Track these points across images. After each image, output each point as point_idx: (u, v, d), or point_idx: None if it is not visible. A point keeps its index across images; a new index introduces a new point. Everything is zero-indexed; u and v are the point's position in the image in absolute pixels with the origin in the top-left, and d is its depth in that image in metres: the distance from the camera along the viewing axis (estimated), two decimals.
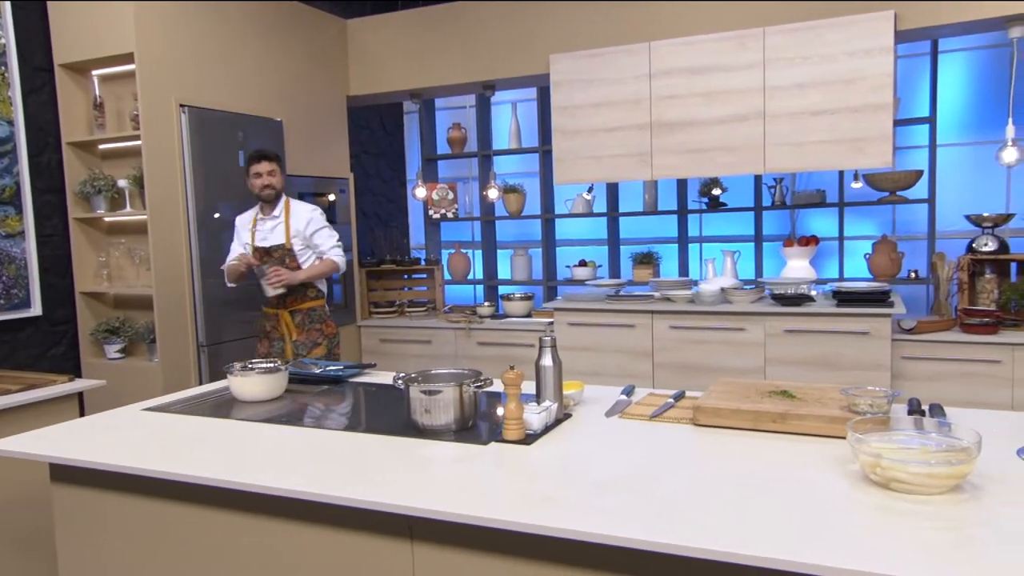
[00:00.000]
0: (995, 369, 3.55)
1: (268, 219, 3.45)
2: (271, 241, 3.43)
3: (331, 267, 3.46)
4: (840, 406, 1.78)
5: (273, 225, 3.45)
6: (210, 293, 3.77)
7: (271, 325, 3.51)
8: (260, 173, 3.37)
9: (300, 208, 3.49)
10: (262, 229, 3.46)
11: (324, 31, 4.70)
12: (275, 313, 3.49)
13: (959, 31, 3.79)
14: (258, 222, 3.46)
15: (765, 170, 3.90)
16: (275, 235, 3.43)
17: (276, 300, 3.42)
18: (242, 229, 3.49)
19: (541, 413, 1.82)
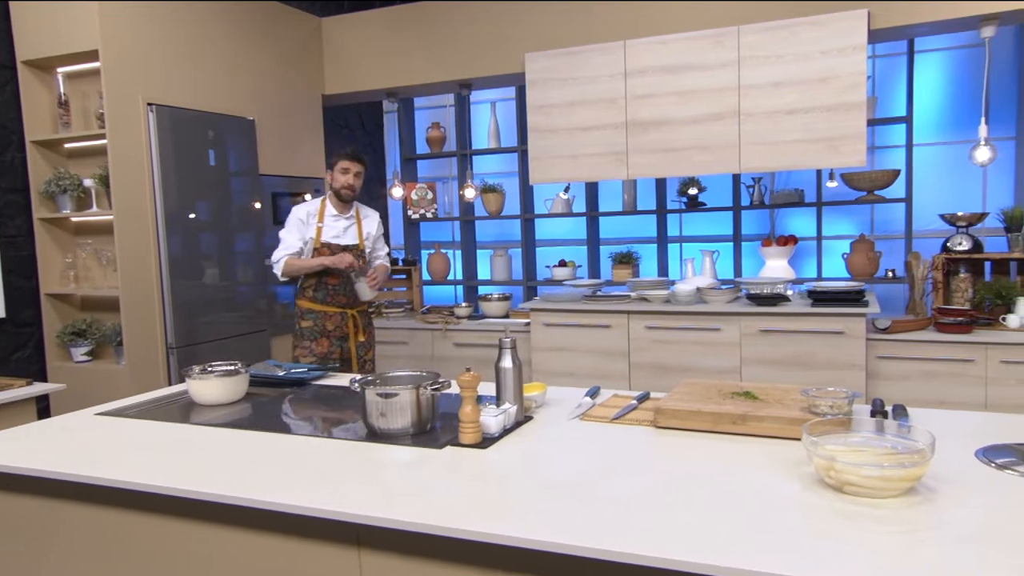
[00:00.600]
0: (968, 368, 3.55)
1: (342, 218, 3.42)
2: (345, 240, 3.42)
3: (387, 270, 3.67)
4: (801, 407, 1.76)
5: (347, 225, 3.44)
6: (180, 294, 3.72)
7: (334, 324, 3.44)
8: (348, 170, 3.34)
9: (368, 212, 3.56)
10: (334, 226, 3.40)
11: (298, 29, 4.65)
12: (341, 312, 3.44)
13: (933, 30, 3.79)
14: (327, 218, 3.39)
15: (740, 169, 3.89)
16: (349, 235, 3.44)
17: (346, 300, 3.43)
18: (305, 223, 3.37)
19: (499, 416, 1.78)
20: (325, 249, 3.37)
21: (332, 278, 3.41)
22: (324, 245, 3.37)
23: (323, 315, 3.42)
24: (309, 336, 3.42)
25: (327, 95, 4.88)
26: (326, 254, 3.36)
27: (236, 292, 4.09)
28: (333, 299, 3.42)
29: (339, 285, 3.43)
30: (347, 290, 3.44)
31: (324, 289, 3.41)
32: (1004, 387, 3.48)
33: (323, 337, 3.42)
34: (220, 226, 4.00)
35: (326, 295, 3.42)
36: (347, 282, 3.42)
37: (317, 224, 3.38)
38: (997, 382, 3.49)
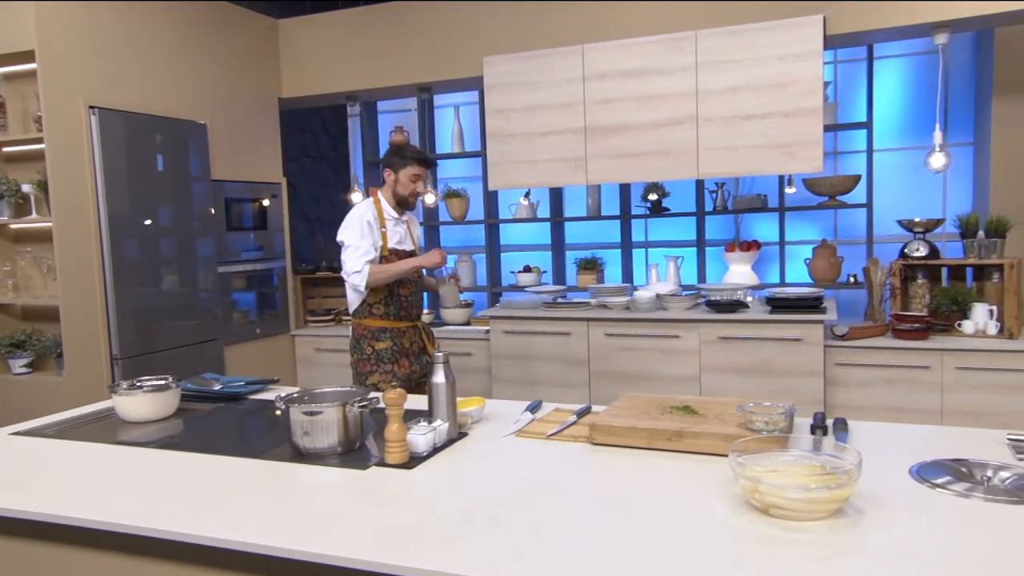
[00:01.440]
0: (925, 375, 3.54)
1: (400, 221, 3.11)
2: (406, 246, 3.12)
3: None
4: (738, 423, 1.71)
5: (403, 230, 3.15)
6: (127, 302, 3.61)
7: (410, 341, 3.09)
8: (419, 178, 3.03)
9: (409, 213, 3.27)
10: (395, 231, 3.08)
11: (253, 31, 4.55)
12: (414, 327, 3.12)
13: (888, 37, 3.79)
14: (388, 222, 3.05)
15: (699, 175, 3.86)
16: (407, 239, 3.15)
17: (417, 312, 3.15)
18: (373, 228, 2.98)
19: (427, 434, 1.72)
20: (393, 257, 2.99)
21: (404, 288, 3.04)
22: (392, 252, 3.00)
23: (398, 332, 3.05)
24: (389, 358, 3.00)
25: (284, 98, 4.79)
26: (394, 261, 2.99)
27: (188, 300, 3.99)
28: (406, 312, 3.07)
29: (411, 296, 3.09)
30: (419, 301, 3.15)
31: (396, 302, 3.03)
32: (959, 393, 3.48)
33: (403, 357, 3.04)
34: (170, 232, 3.90)
35: (399, 309, 3.04)
36: (419, 291, 3.13)
37: (381, 229, 3.01)
38: (953, 388, 3.49)
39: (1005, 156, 4.21)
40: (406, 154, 3.02)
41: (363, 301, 3.01)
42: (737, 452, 1.41)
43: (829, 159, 5.09)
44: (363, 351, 3.02)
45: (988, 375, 3.43)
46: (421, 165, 3.02)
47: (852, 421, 1.90)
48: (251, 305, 4.55)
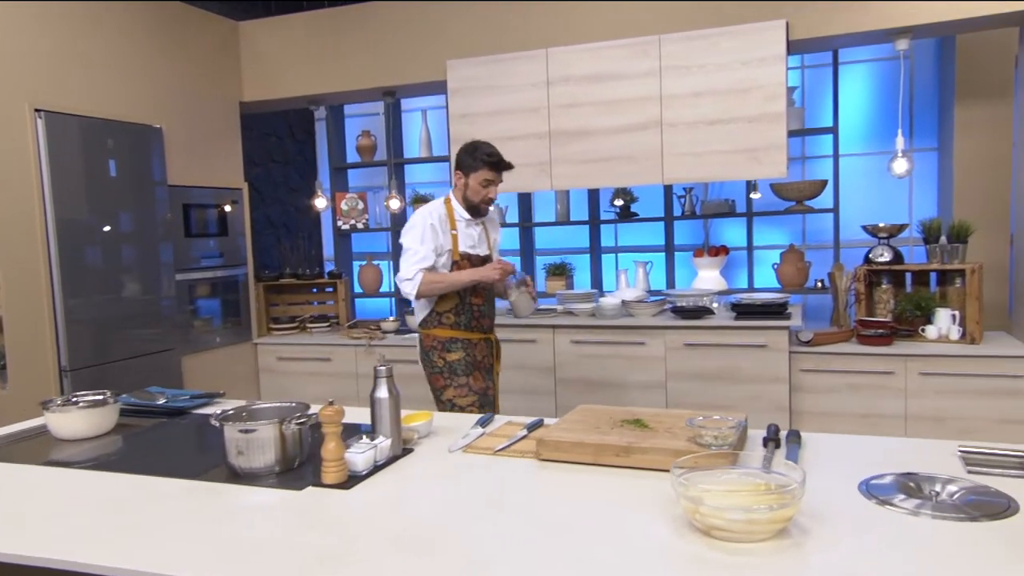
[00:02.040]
0: (889, 380, 3.53)
1: (474, 224, 2.87)
2: (480, 250, 2.87)
3: None
4: (688, 437, 1.67)
5: (478, 233, 2.91)
6: (77, 312, 3.50)
7: (482, 354, 2.86)
8: (491, 183, 2.78)
9: (492, 217, 3.02)
10: (470, 234, 2.84)
11: (212, 34, 4.45)
12: (486, 339, 2.89)
13: (850, 42, 3.79)
14: (459, 223, 2.82)
15: (664, 180, 3.83)
16: (482, 244, 2.91)
17: (489, 323, 2.91)
18: (438, 230, 2.75)
19: (367, 452, 1.65)
20: (465, 262, 2.77)
21: (477, 297, 2.82)
22: (463, 257, 2.78)
23: (469, 344, 2.82)
24: (464, 370, 2.79)
25: (245, 102, 4.69)
26: (465, 268, 2.76)
27: (143, 308, 3.88)
28: (478, 323, 2.85)
29: (484, 305, 2.86)
30: (492, 311, 2.92)
31: (468, 312, 2.81)
32: (923, 399, 3.48)
33: (476, 370, 2.82)
34: (124, 239, 3.79)
35: (470, 319, 2.82)
36: (492, 300, 2.91)
37: (451, 232, 2.78)
38: (917, 394, 3.49)
39: (967, 161, 4.23)
40: (477, 155, 2.75)
41: (432, 310, 2.82)
42: (683, 469, 1.36)
43: (797, 164, 5.10)
44: (433, 363, 2.83)
45: (950, 380, 3.43)
46: (494, 169, 2.75)
47: (807, 433, 1.86)
48: (211, 313, 4.45)
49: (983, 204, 4.17)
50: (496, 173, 2.78)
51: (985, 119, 4.15)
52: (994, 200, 4.09)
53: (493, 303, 2.93)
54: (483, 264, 2.81)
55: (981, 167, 4.19)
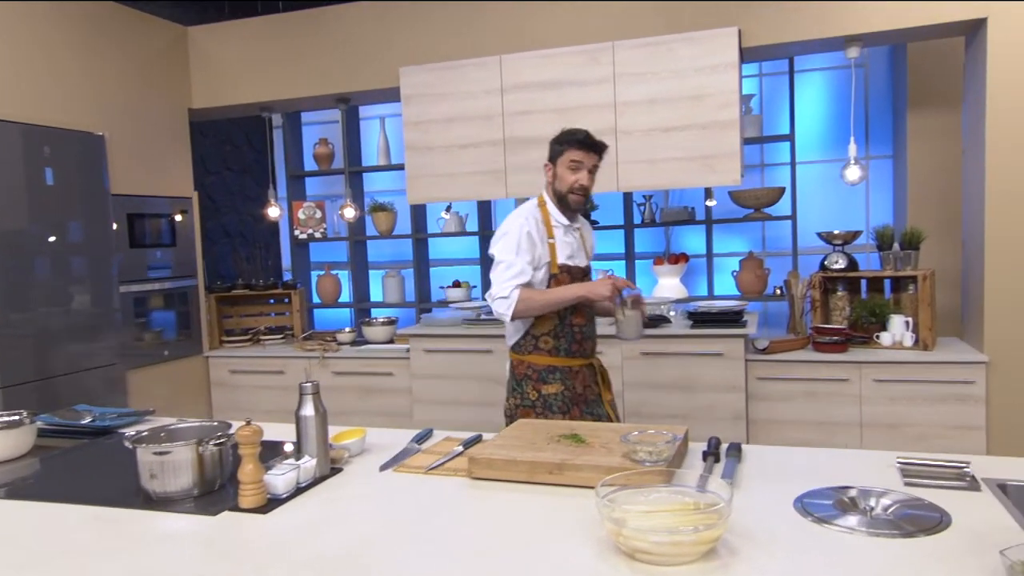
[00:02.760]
0: (844, 387, 3.53)
1: (572, 229, 2.45)
2: (579, 260, 2.45)
3: None
4: (623, 453, 1.61)
5: (576, 240, 2.46)
6: (10, 326, 3.35)
7: (583, 384, 2.44)
8: (581, 165, 2.34)
9: (584, 223, 2.61)
10: (568, 243, 2.42)
11: (158, 38, 4.34)
12: (589, 365, 2.48)
13: (803, 50, 3.80)
14: (556, 230, 2.40)
15: (619, 188, 3.79)
16: (581, 254, 2.49)
17: (592, 346, 2.50)
18: (535, 240, 2.33)
19: (287, 473, 1.57)
20: (564, 276, 2.37)
21: (578, 316, 2.41)
22: (563, 271, 2.38)
23: (570, 372, 2.40)
24: (560, 407, 2.36)
25: (195, 109, 4.57)
26: (565, 282, 2.36)
27: (85, 321, 3.74)
28: (580, 347, 2.43)
29: (586, 326, 2.46)
30: (594, 331, 2.52)
31: (569, 334, 2.40)
32: (877, 405, 3.47)
33: (575, 405, 2.39)
34: (64, 250, 3.65)
35: (571, 342, 2.41)
36: (594, 320, 2.51)
37: (548, 240, 2.37)
38: (871, 401, 3.48)
39: (920, 168, 4.26)
40: (563, 137, 2.39)
41: (527, 333, 2.40)
42: (610, 488, 1.30)
43: (756, 171, 5.12)
44: (525, 395, 2.39)
45: (903, 387, 3.43)
46: (578, 147, 2.33)
47: (751, 446, 1.82)
48: (159, 326, 4.31)
49: (937, 210, 4.20)
50: (585, 153, 2.34)
51: (937, 127, 4.19)
52: (947, 206, 4.13)
53: (594, 322, 2.52)
54: (584, 278, 2.43)
55: (934, 174, 4.23)
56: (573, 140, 2.35)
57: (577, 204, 2.40)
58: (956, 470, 1.57)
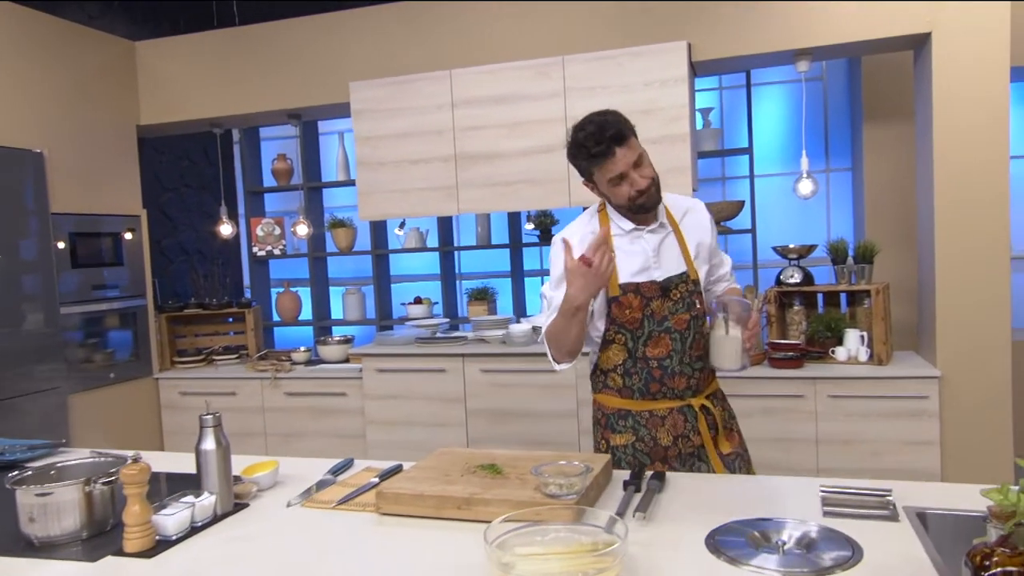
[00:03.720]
0: (800, 404, 3.48)
1: (643, 233, 1.92)
2: (661, 271, 1.90)
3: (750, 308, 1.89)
4: (535, 486, 1.54)
5: (656, 243, 1.91)
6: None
7: (672, 433, 1.89)
8: (624, 176, 1.82)
9: (684, 203, 2.03)
10: (637, 252, 1.90)
11: (104, 54, 4.24)
12: (682, 408, 1.91)
13: (754, 64, 3.78)
14: (617, 241, 1.91)
15: (571, 204, 3.74)
16: (667, 260, 1.91)
17: (688, 383, 1.90)
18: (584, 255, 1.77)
19: (179, 513, 1.49)
20: (632, 297, 1.87)
21: (656, 347, 1.87)
22: (629, 291, 1.88)
23: (647, 419, 1.90)
24: (631, 461, 1.91)
25: (144, 125, 4.48)
26: (636, 305, 1.87)
27: (20, 345, 3.61)
28: (662, 386, 1.89)
29: (671, 358, 1.88)
30: (689, 361, 1.90)
31: (643, 370, 1.90)
32: (833, 422, 3.43)
33: (657, 462, 1.90)
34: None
35: (648, 380, 1.90)
36: (688, 346, 1.89)
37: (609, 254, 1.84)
38: (827, 417, 3.44)
39: (877, 181, 4.26)
40: (578, 151, 1.85)
41: (596, 366, 2.00)
42: (519, 523, 1.23)
43: (717, 184, 5.10)
44: (598, 444, 2.00)
45: (858, 402, 3.39)
46: (607, 156, 1.79)
47: (675, 474, 1.76)
48: (105, 348, 4.19)
49: (894, 223, 4.19)
50: (613, 157, 1.79)
51: (892, 139, 4.19)
52: (903, 219, 4.11)
53: (692, 351, 1.90)
54: (666, 297, 1.87)
55: (890, 187, 4.22)
56: (589, 156, 1.80)
57: (648, 205, 1.87)
58: (878, 498, 1.51)
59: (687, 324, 1.89)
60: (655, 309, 1.89)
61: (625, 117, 1.86)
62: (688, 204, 2.04)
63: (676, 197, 2.04)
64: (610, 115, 1.84)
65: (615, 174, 1.82)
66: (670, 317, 1.89)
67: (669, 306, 1.89)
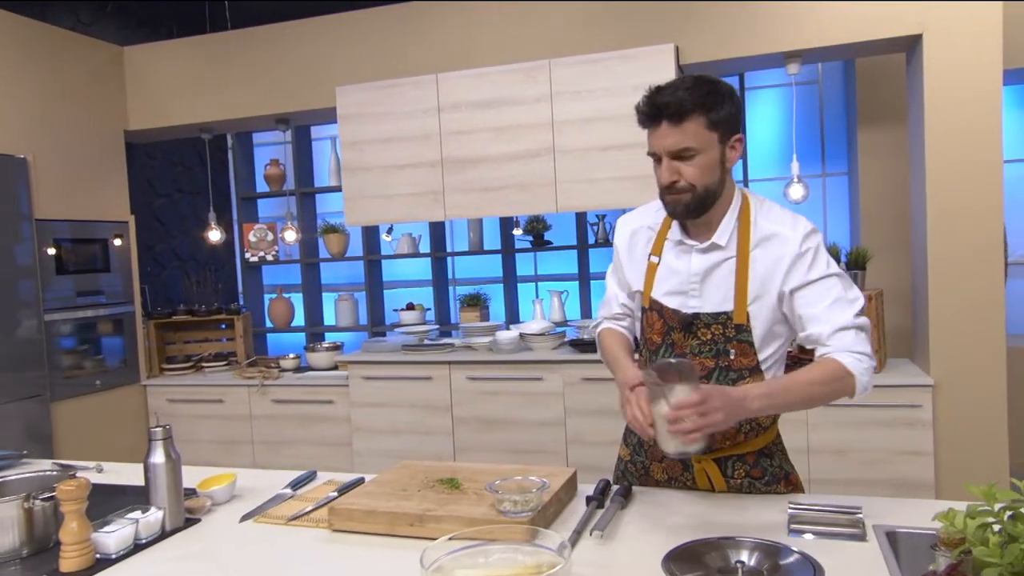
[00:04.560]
0: (790, 413, 3.40)
1: (695, 249, 1.58)
2: (681, 302, 1.58)
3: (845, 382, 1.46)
4: (492, 503, 1.49)
5: (709, 264, 1.56)
6: None
7: (672, 473, 1.68)
8: (656, 154, 1.52)
9: (774, 229, 1.55)
10: (679, 270, 1.58)
11: (91, 59, 4.22)
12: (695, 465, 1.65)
13: (743, 67, 3.73)
14: (667, 247, 1.62)
15: (557, 209, 3.69)
16: (713, 287, 1.56)
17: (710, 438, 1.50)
18: (630, 253, 1.68)
19: (121, 530, 1.44)
20: (654, 315, 1.61)
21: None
22: (654, 308, 1.61)
23: (648, 446, 1.69)
24: (618, 475, 1.79)
25: (132, 131, 4.45)
26: (656, 328, 1.61)
27: (3, 351, 3.58)
28: None
29: None
30: None
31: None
32: (824, 431, 3.36)
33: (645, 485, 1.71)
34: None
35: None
36: None
37: (650, 258, 1.63)
38: (817, 427, 3.37)
39: (871, 185, 4.19)
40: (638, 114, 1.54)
41: None
42: (467, 542, 1.18)
43: None
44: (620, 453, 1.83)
45: (849, 411, 3.32)
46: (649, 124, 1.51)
47: (642, 489, 1.70)
48: (91, 355, 4.16)
49: (889, 228, 4.12)
50: (655, 130, 1.49)
51: (886, 143, 4.12)
52: (898, 224, 4.04)
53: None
54: (690, 333, 1.56)
55: (885, 191, 4.16)
56: (639, 116, 1.53)
57: (676, 212, 1.52)
58: (848, 515, 1.45)
59: (707, 373, 1.55)
60: (676, 341, 1.58)
61: (722, 95, 1.47)
62: (776, 229, 1.54)
63: (774, 214, 1.57)
64: (695, 84, 1.46)
65: (651, 150, 1.54)
66: (690, 358, 1.55)
67: (694, 344, 1.56)
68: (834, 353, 1.46)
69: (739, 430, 1.63)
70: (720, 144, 1.50)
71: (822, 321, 1.49)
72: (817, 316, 1.49)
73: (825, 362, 1.47)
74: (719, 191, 1.53)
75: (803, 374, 1.45)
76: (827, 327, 1.48)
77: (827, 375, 1.46)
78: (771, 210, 1.60)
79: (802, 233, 1.53)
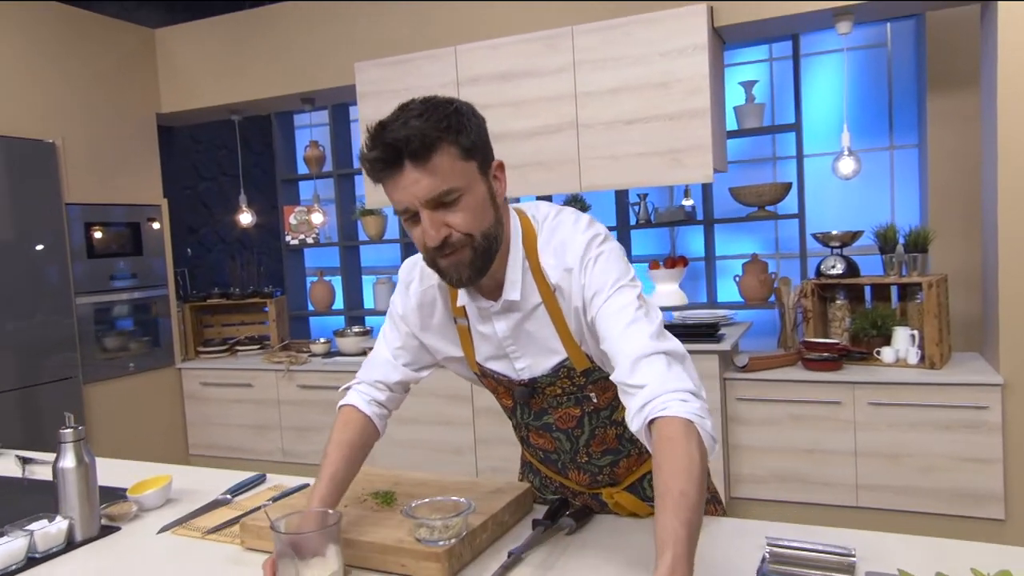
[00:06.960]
0: (836, 411, 3.09)
1: (490, 310, 1.30)
2: (530, 361, 1.31)
3: (701, 447, 1.05)
4: (409, 529, 1.30)
5: (513, 324, 1.29)
6: None
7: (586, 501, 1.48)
8: (408, 208, 1.15)
9: (565, 260, 1.23)
10: (484, 333, 1.32)
11: (122, 43, 4.23)
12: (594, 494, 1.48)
13: (788, 28, 3.36)
14: (468, 311, 1.32)
15: (581, 188, 3.45)
16: (533, 345, 1.30)
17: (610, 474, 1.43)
18: (433, 324, 1.39)
19: (12, 543, 1.33)
20: (491, 382, 1.39)
21: (542, 436, 1.41)
22: (485, 374, 1.39)
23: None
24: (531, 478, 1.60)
25: (164, 113, 4.46)
26: (502, 391, 1.39)
27: (36, 334, 3.65)
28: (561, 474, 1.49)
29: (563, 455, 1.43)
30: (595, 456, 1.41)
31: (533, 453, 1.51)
32: (875, 432, 3.03)
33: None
34: (11, 261, 3.57)
35: (540, 479, 1.55)
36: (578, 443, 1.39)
37: (457, 321, 1.36)
38: (866, 427, 3.04)
39: (941, 159, 3.75)
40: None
41: None
42: None
43: (766, 166, 4.65)
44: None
45: (904, 411, 2.97)
46: (380, 171, 1.15)
47: (604, 516, 1.48)
48: (123, 338, 4.21)
49: (959, 206, 3.68)
50: (393, 169, 1.13)
51: (958, 112, 3.67)
52: (969, 202, 3.60)
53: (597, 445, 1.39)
54: (539, 393, 1.34)
55: (956, 165, 3.71)
56: (368, 166, 1.16)
57: (461, 276, 1.20)
58: (839, 558, 1.20)
59: (576, 422, 1.35)
60: (527, 402, 1.36)
61: (465, 115, 1.19)
62: (567, 259, 1.22)
63: (558, 236, 1.25)
64: (426, 108, 1.14)
65: (399, 206, 1.16)
66: (551, 411, 1.35)
67: (548, 400, 1.34)
68: (655, 414, 1.06)
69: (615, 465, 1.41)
70: (482, 175, 1.19)
71: (619, 354, 1.13)
72: (613, 350, 1.15)
73: (661, 445, 1.04)
74: (499, 233, 1.21)
75: (666, 498, 1.00)
76: (625, 361, 1.12)
77: (680, 460, 1.01)
78: (555, 231, 1.25)
79: (581, 248, 1.21)
